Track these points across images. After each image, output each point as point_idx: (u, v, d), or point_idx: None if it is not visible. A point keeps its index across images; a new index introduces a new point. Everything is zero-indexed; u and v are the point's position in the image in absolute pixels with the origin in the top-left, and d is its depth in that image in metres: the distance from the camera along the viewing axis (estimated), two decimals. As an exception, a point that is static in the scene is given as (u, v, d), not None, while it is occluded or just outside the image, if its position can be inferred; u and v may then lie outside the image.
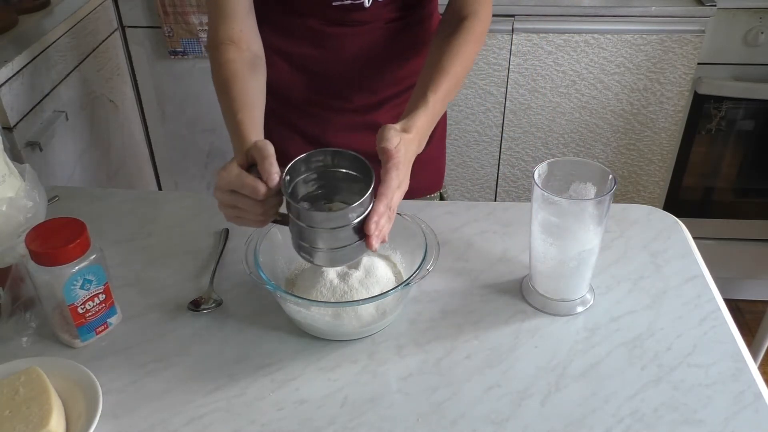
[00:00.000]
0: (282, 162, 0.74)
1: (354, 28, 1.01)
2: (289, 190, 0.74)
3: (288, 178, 0.73)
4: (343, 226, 0.71)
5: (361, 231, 0.72)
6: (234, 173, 0.73)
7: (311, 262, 0.75)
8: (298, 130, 1.11)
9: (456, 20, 0.95)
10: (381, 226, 0.72)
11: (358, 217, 0.71)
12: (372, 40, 1.02)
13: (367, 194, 0.71)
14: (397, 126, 0.79)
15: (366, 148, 0.78)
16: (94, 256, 0.76)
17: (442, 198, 1.25)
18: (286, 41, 1.04)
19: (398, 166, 0.75)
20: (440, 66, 0.90)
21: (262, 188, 0.71)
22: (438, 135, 1.18)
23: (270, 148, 0.73)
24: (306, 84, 1.07)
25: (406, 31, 1.04)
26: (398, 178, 0.75)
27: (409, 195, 1.14)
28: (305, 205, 0.77)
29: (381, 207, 0.72)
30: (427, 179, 1.20)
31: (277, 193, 0.73)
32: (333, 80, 1.06)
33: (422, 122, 0.83)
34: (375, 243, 0.72)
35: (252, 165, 0.74)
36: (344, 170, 0.77)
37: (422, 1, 1.05)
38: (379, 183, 0.74)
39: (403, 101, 1.04)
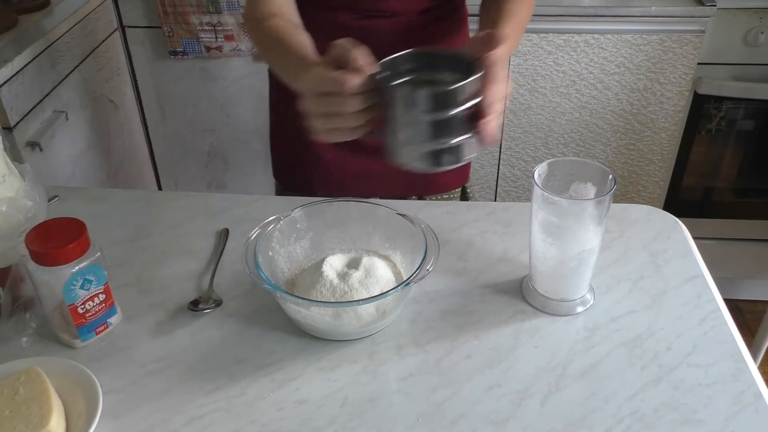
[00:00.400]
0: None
1: (384, 20, 1.00)
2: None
3: (387, 73, 0.66)
4: (450, 112, 0.64)
5: (470, 123, 0.65)
6: (317, 70, 0.67)
7: (413, 167, 0.67)
8: None
9: None
10: (496, 113, 0.66)
11: (467, 101, 0.64)
12: (401, 33, 1.02)
13: (476, 76, 0.63)
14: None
15: None
16: (94, 257, 0.76)
17: (464, 193, 1.21)
18: (313, 37, 1.03)
19: (497, 63, 0.68)
20: (502, 11, 0.87)
21: (352, 78, 0.65)
22: None
23: (353, 42, 0.67)
24: None
25: (434, 25, 1.04)
26: (503, 73, 0.68)
27: (439, 190, 1.12)
28: (407, 85, 0.67)
29: (493, 91, 0.65)
30: (455, 174, 1.17)
31: (370, 94, 0.66)
32: None
33: (505, 34, 0.76)
34: (491, 130, 0.65)
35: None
36: (445, 71, 0.69)
37: None
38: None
39: None
